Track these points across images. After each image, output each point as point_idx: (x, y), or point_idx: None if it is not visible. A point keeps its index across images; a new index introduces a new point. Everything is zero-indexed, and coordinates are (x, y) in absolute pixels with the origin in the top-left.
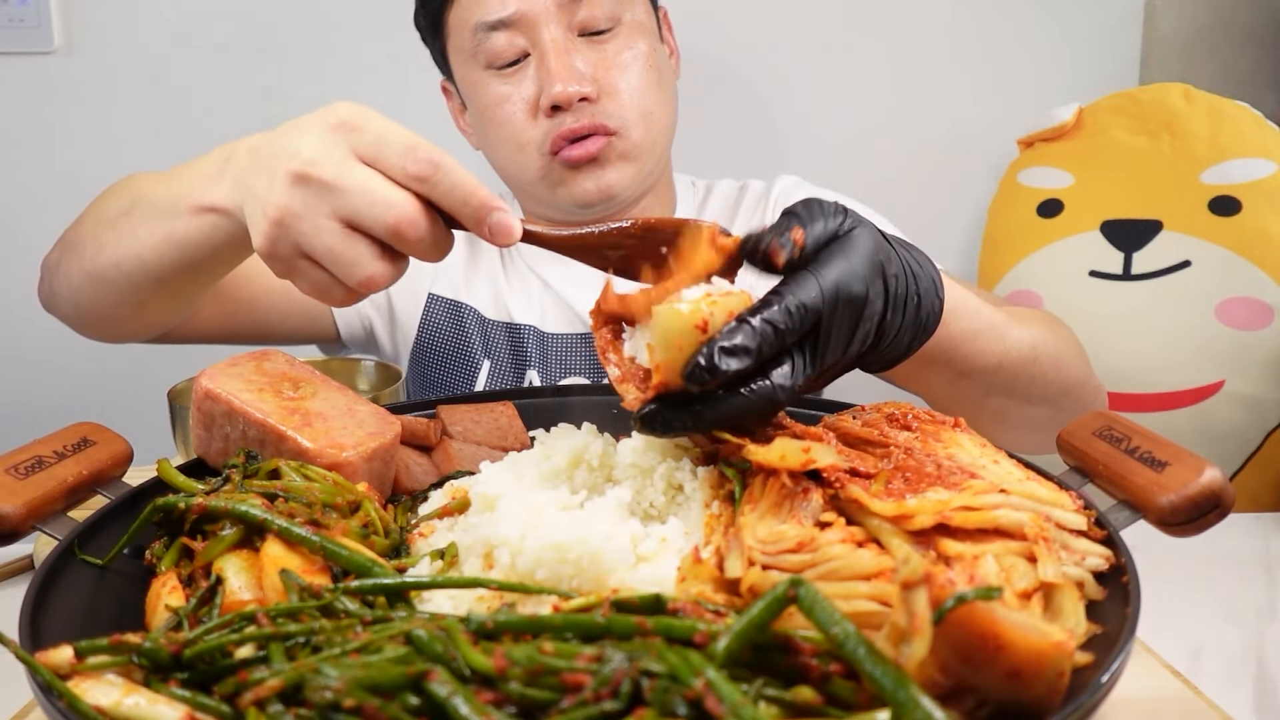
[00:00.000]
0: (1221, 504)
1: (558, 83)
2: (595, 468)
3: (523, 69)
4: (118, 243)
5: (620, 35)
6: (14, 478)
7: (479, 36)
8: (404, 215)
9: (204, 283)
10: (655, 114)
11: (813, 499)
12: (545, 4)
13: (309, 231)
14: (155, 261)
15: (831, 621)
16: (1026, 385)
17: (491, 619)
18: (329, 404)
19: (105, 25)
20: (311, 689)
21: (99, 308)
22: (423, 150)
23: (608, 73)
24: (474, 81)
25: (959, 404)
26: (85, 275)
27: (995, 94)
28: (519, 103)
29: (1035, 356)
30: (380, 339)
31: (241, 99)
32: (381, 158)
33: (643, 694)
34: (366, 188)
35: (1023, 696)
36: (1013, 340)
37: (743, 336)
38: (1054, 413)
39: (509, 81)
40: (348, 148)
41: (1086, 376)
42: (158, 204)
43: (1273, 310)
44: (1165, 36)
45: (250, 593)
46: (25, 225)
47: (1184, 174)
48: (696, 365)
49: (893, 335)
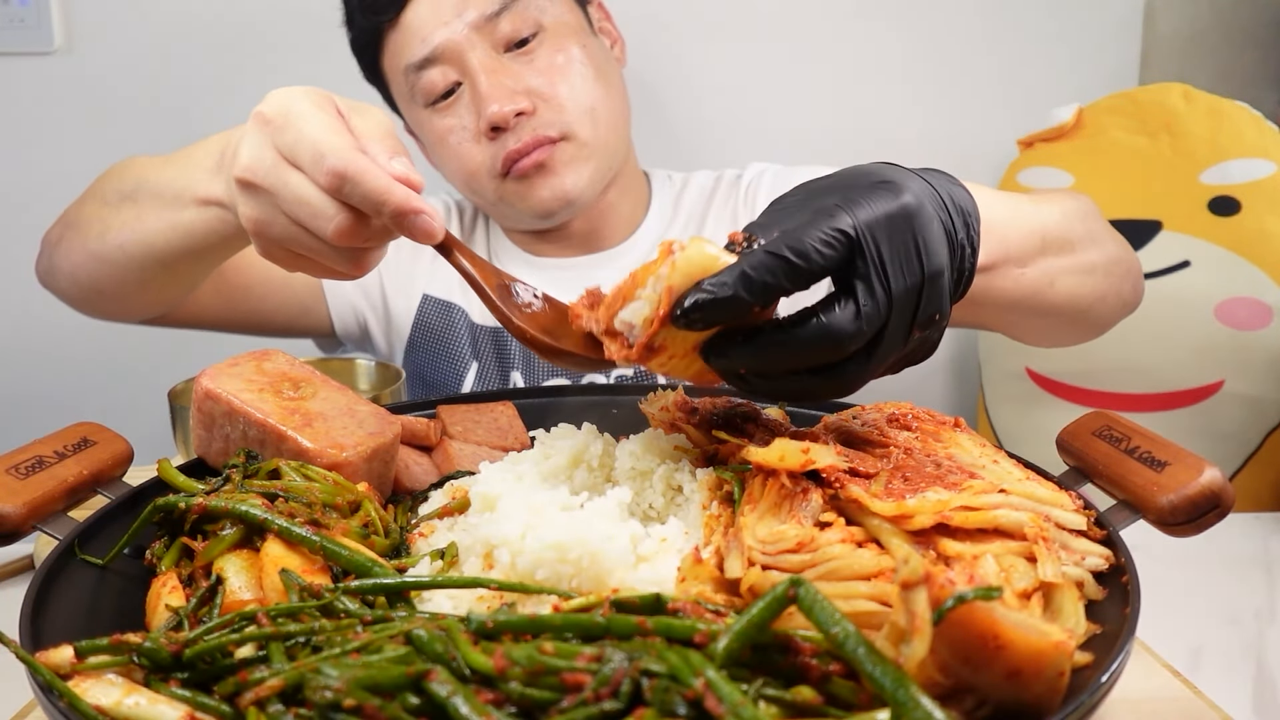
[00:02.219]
0: (1221, 504)
1: (491, 103)
2: (595, 468)
3: (458, 99)
4: (122, 226)
5: (546, 41)
6: (14, 477)
7: (411, 78)
8: (339, 228)
9: (208, 266)
10: (599, 108)
11: (812, 499)
12: (463, 32)
13: (280, 235)
14: (162, 246)
15: (831, 621)
16: (1075, 255)
17: (491, 619)
18: (329, 404)
19: (105, 25)
20: (311, 689)
21: (101, 286)
22: (329, 160)
23: (540, 81)
24: (418, 121)
25: (1035, 304)
26: (88, 255)
27: (995, 94)
28: (461, 132)
29: (1069, 224)
30: (374, 335)
31: (241, 99)
32: (301, 164)
33: (643, 694)
34: (300, 197)
35: (1022, 696)
36: (1045, 213)
37: (728, 273)
38: (1110, 280)
39: (448, 115)
40: (274, 150)
41: (1113, 234)
42: (163, 191)
43: (1272, 310)
44: (1165, 36)
45: (250, 593)
46: (25, 225)
47: (1183, 174)
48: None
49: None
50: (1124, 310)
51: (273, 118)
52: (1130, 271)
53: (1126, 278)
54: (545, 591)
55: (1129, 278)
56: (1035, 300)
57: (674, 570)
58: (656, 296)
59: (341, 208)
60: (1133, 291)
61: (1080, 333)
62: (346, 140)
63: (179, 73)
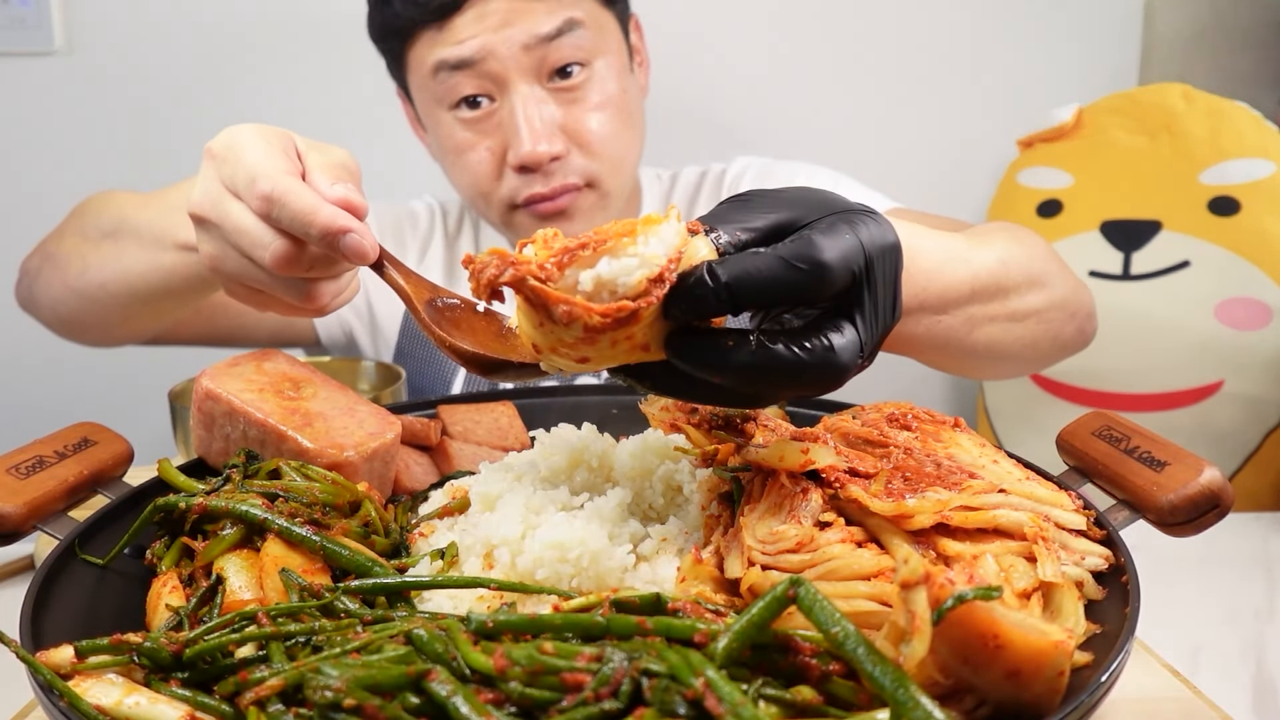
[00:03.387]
0: (1221, 504)
1: (526, 144)
2: (595, 468)
3: (489, 117)
4: (102, 265)
5: (591, 79)
6: (15, 477)
7: (440, 76)
8: (275, 257)
9: (190, 305)
10: (626, 157)
11: (812, 499)
12: (510, 48)
13: (233, 270)
14: (144, 286)
15: (831, 621)
16: (1007, 303)
17: (491, 619)
18: (329, 404)
19: (105, 25)
20: (312, 689)
21: (83, 320)
22: (259, 184)
23: (578, 124)
24: (436, 120)
25: (950, 348)
26: (69, 290)
27: (995, 94)
28: (484, 153)
29: (1006, 270)
30: (361, 343)
31: (241, 99)
32: (239, 193)
33: (643, 694)
34: (238, 226)
35: (1022, 696)
36: (979, 261)
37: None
38: (1045, 326)
39: (473, 131)
40: (219, 183)
41: (1062, 276)
42: (143, 233)
43: (1272, 310)
44: (1165, 36)
45: (250, 592)
46: (25, 224)
47: (1183, 174)
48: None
49: None
50: (1062, 352)
51: (219, 152)
52: (1075, 315)
53: (1069, 321)
54: (545, 591)
55: (1072, 320)
56: (953, 345)
57: (674, 570)
58: (661, 260)
59: (277, 234)
60: (1076, 334)
61: (1007, 372)
62: (281, 166)
63: (179, 73)
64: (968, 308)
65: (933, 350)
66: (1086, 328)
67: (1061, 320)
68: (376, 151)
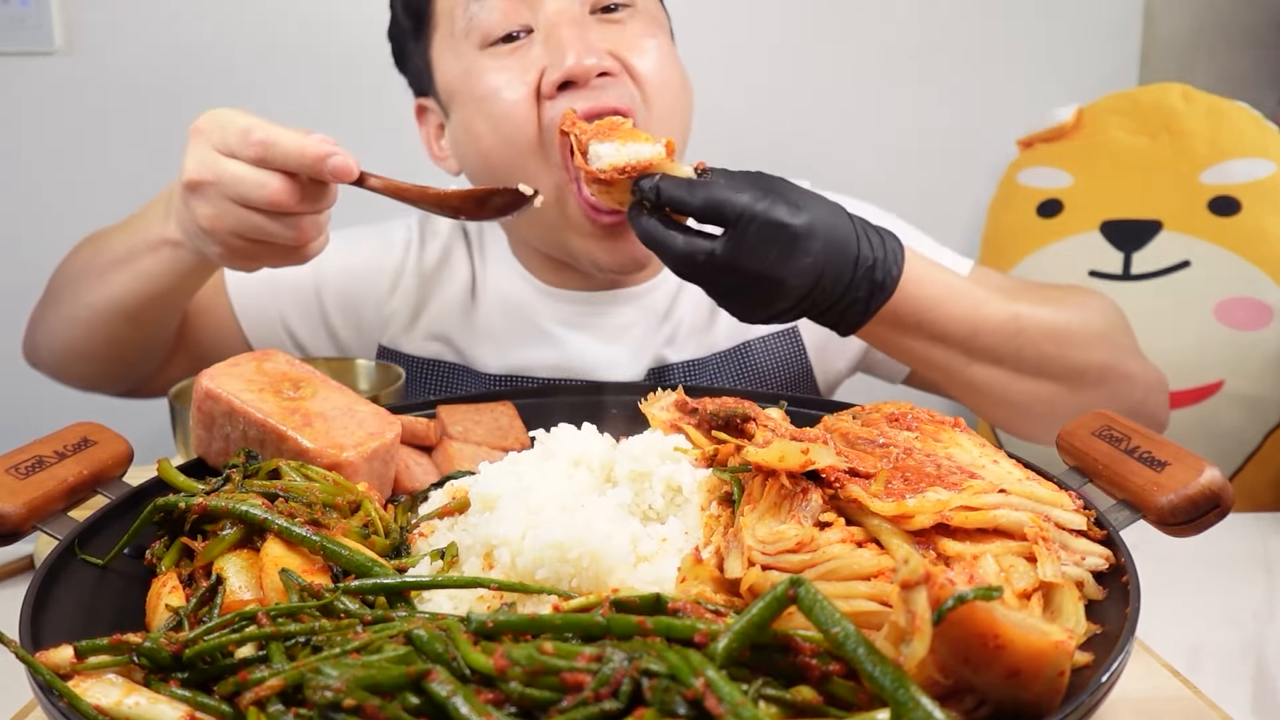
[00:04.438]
0: (1221, 504)
1: (571, 56)
2: (595, 468)
3: (523, 47)
4: (89, 291)
5: (637, 17)
6: (14, 477)
7: (473, 8)
8: (275, 191)
9: (170, 312)
10: (679, 106)
11: (812, 499)
12: None
13: (232, 224)
14: (126, 297)
15: (831, 621)
16: (1015, 355)
17: (491, 619)
18: (329, 404)
19: (105, 25)
20: (311, 689)
21: (74, 349)
22: (254, 133)
23: (627, 50)
24: (463, 72)
25: (944, 370)
26: (61, 319)
27: (995, 94)
28: (519, 88)
29: (1019, 327)
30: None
31: (240, 99)
32: (233, 149)
33: (643, 694)
34: (236, 175)
35: (1022, 696)
36: (991, 309)
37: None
38: (1067, 392)
39: (505, 61)
40: (210, 148)
41: (1114, 360)
42: (120, 252)
43: (1272, 310)
44: (1165, 37)
45: (250, 592)
46: (26, 224)
47: (1183, 174)
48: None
49: (842, 290)
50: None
51: (205, 126)
52: (1125, 395)
53: (1116, 400)
54: (545, 591)
55: (1125, 401)
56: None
57: (674, 570)
58: (632, 159)
59: (272, 173)
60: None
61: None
62: (266, 120)
63: (179, 73)
64: (968, 344)
65: (924, 365)
66: (1137, 418)
67: (1095, 400)
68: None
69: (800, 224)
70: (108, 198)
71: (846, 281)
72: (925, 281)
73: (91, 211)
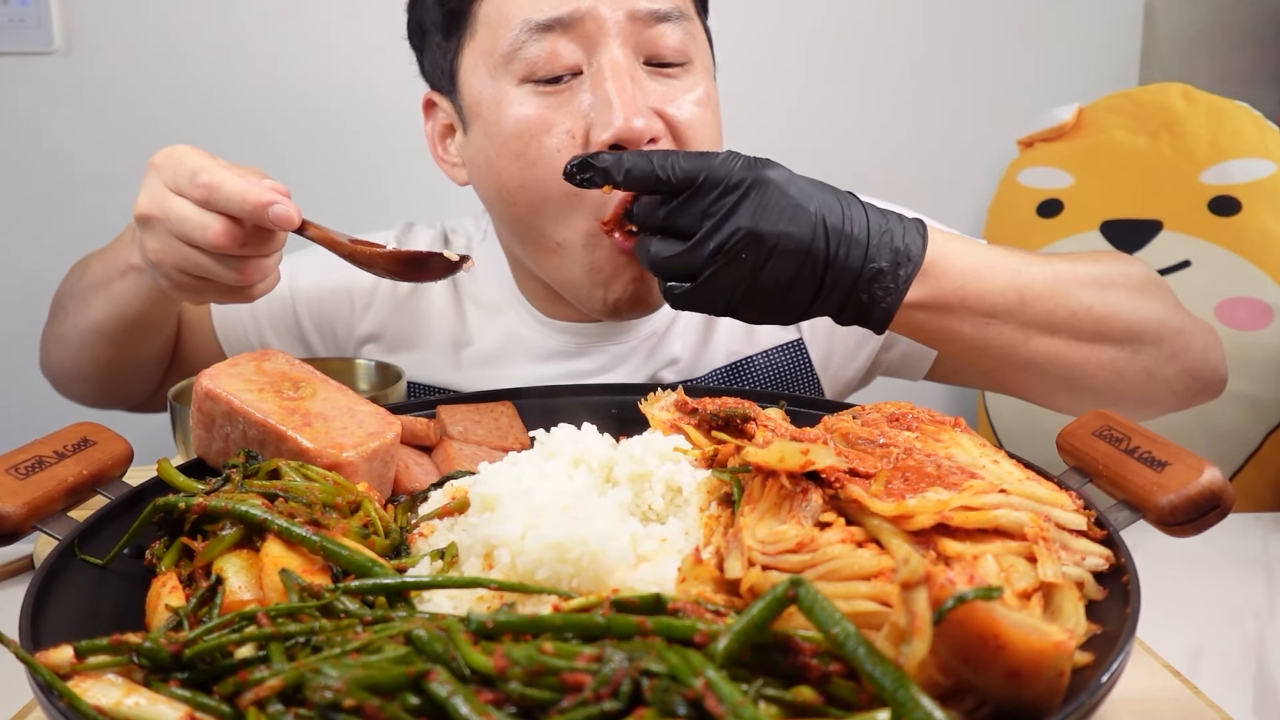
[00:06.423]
0: (1221, 504)
1: (620, 113)
2: (595, 468)
3: (570, 90)
4: (77, 311)
5: (693, 73)
6: (14, 478)
7: (522, 38)
8: (217, 235)
9: (147, 334)
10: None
11: (812, 499)
12: (616, 12)
13: (176, 260)
14: (104, 320)
15: (831, 621)
16: (1069, 321)
17: (491, 619)
18: (329, 404)
19: (105, 25)
20: (311, 689)
21: (67, 369)
22: (201, 175)
23: (675, 109)
24: (496, 98)
25: (1002, 351)
26: (56, 340)
27: (995, 94)
28: (562, 136)
29: (1065, 288)
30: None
31: (240, 99)
32: (181, 188)
33: (643, 694)
34: (181, 215)
35: (1023, 696)
36: (1032, 273)
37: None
38: (1129, 354)
39: (549, 102)
40: (162, 185)
41: (1165, 313)
42: (100, 276)
43: (1272, 310)
44: (1165, 36)
45: (250, 593)
46: (26, 224)
47: (1184, 174)
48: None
49: (860, 256)
50: (1171, 396)
51: (161, 162)
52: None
53: (1170, 361)
54: (545, 591)
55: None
56: (1010, 353)
57: (674, 570)
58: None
59: (216, 216)
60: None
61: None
62: (216, 163)
63: (178, 73)
64: (1018, 315)
65: (991, 357)
66: (1201, 374)
67: (1158, 361)
68: (378, 143)
69: (775, 175)
70: (107, 198)
71: (862, 243)
72: (957, 254)
73: (90, 212)
